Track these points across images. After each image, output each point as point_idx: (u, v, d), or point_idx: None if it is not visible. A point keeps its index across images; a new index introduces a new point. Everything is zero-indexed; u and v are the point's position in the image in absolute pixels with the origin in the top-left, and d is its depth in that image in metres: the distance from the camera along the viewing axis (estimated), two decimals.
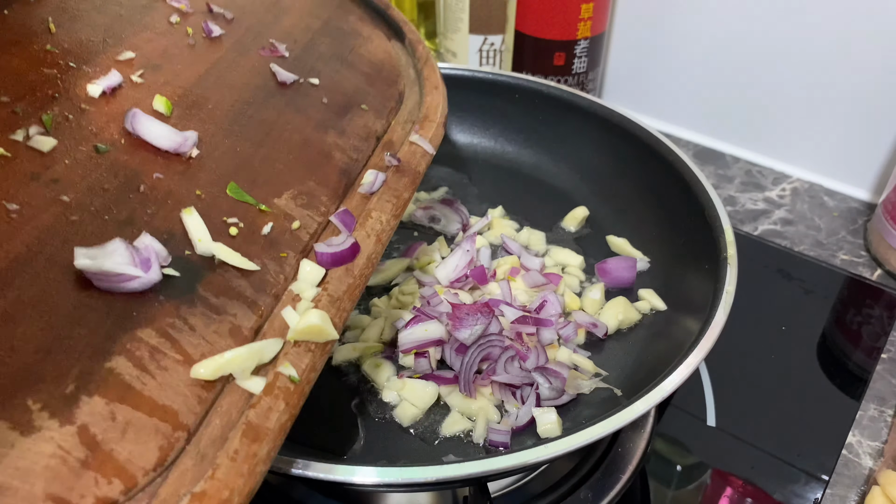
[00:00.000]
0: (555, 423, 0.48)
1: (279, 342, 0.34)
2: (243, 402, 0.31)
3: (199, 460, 0.28)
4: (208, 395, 0.30)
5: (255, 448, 0.29)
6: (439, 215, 0.67)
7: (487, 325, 0.52)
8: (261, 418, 0.31)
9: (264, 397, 0.31)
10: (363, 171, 0.46)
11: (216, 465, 0.28)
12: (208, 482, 0.27)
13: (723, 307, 0.46)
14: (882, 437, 0.56)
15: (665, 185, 0.60)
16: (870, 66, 0.75)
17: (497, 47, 0.89)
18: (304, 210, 0.40)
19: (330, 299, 0.37)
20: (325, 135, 0.46)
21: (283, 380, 0.32)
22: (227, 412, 0.30)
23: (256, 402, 0.31)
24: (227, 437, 0.29)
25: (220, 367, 0.31)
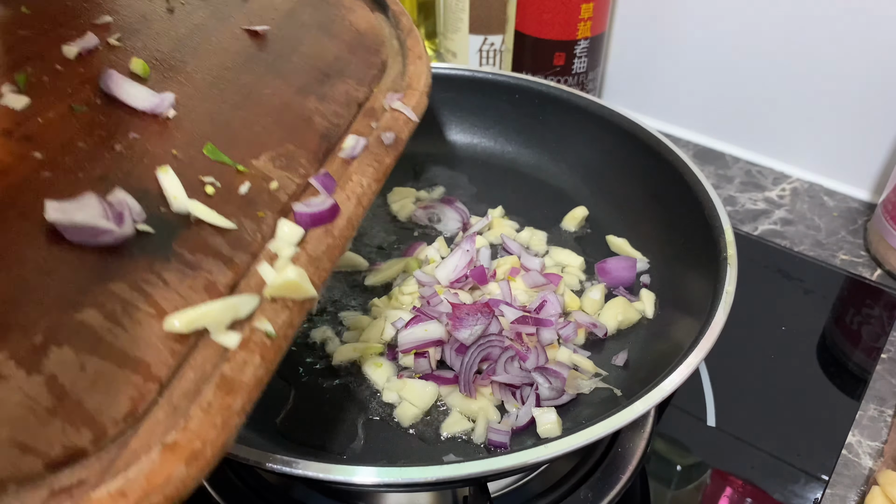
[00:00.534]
0: (555, 423, 0.48)
1: (255, 298, 0.33)
2: (218, 357, 0.31)
3: (171, 412, 0.28)
4: (181, 349, 0.30)
5: (230, 401, 0.29)
6: (439, 215, 0.67)
7: (487, 326, 0.52)
8: (235, 372, 0.30)
9: (240, 352, 0.31)
10: (344, 137, 0.45)
11: (189, 417, 0.28)
12: (180, 433, 0.27)
13: (723, 307, 0.46)
14: (882, 437, 0.56)
15: (665, 185, 0.60)
16: (870, 66, 0.75)
17: (497, 47, 0.89)
18: (283, 172, 0.40)
19: (308, 259, 0.37)
20: (305, 100, 0.46)
21: (259, 335, 0.32)
22: (202, 366, 0.30)
23: (232, 356, 0.31)
24: (200, 390, 0.29)
25: (193, 319, 0.31)
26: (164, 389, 0.29)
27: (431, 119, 0.75)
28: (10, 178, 0.32)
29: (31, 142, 0.34)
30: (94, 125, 0.37)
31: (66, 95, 0.37)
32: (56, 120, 0.36)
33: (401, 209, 0.69)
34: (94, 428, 0.26)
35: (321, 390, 0.52)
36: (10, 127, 0.34)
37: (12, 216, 0.31)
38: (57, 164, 0.34)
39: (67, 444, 0.26)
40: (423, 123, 0.75)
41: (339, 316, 0.58)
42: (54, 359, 0.27)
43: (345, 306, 0.59)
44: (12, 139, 0.34)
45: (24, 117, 0.35)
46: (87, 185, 0.34)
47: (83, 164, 0.35)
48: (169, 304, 0.31)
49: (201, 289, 0.33)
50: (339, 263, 0.62)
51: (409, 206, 0.69)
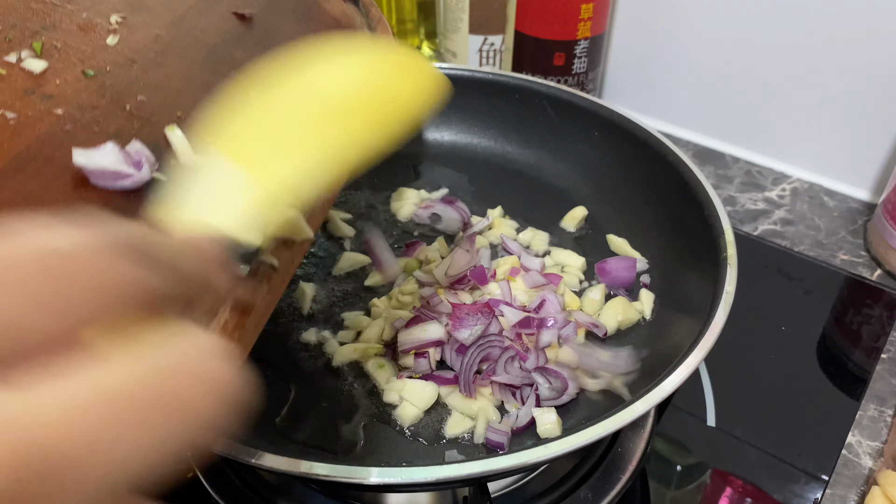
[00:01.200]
0: (555, 423, 0.48)
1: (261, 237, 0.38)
2: (231, 285, 0.34)
3: None
4: None
5: (244, 320, 0.33)
6: (440, 214, 0.68)
7: (487, 326, 0.52)
8: (248, 296, 0.35)
9: (250, 280, 0.36)
10: None
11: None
12: None
13: (722, 307, 0.46)
14: (882, 437, 0.56)
15: (665, 185, 0.60)
16: (870, 66, 0.75)
17: (497, 47, 0.89)
18: None
19: None
20: None
21: (265, 267, 0.37)
22: (216, 290, 0.33)
23: (244, 283, 0.35)
24: (216, 311, 0.33)
25: None
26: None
27: (432, 119, 0.75)
28: (35, 130, 0.37)
29: (51, 100, 0.39)
30: (105, 88, 0.42)
31: (79, 62, 0.42)
32: (72, 82, 0.41)
33: (401, 209, 0.69)
34: None
35: (321, 390, 0.52)
36: (32, 87, 0.39)
37: (40, 162, 0.35)
38: (76, 119, 0.39)
39: None
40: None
41: (341, 316, 0.58)
42: None
43: (345, 306, 0.59)
44: (35, 97, 0.38)
45: (45, 80, 0.40)
46: (104, 138, 0.38)
47: (99, 120, 0.39)
48: None
49: None
50: (343, 266, 0.62)
51: (410, 206, 0.69)
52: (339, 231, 0.66)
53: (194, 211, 0.28)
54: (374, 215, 0.69)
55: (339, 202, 0.70)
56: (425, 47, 1.02)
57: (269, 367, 0.54)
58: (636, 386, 0.50)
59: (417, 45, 1.02)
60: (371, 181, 0.72)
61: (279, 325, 0.57)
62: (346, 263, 0.62)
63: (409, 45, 1.02)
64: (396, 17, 0.98)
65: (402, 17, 0.98)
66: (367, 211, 0.69)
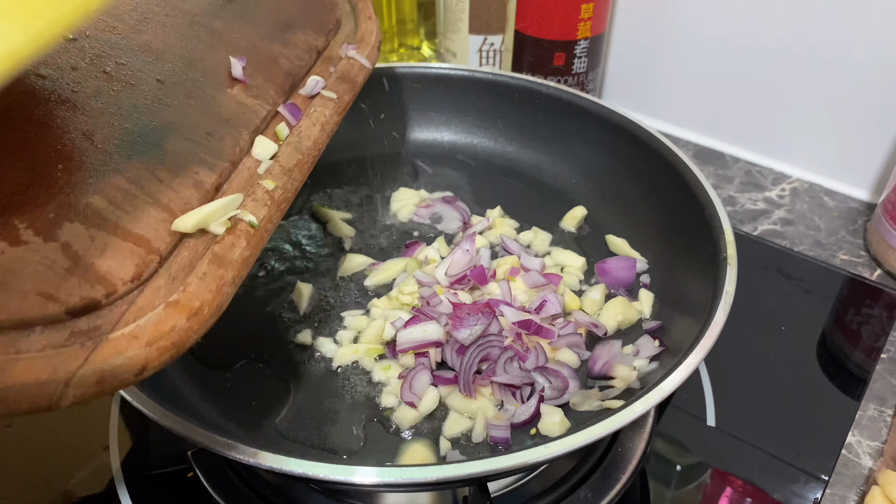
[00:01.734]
0: (558, 423, 0.48)
1: (240, 197, 0.41)
2: (208, 241, 0.37)
3: (170, 281, 0.34)
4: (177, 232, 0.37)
5: (222, 272, 0.36)
6: (440, 213, 0.68)
7: (487, 326, 0.52)
8: (225, 251, 0.37)
9: (227, 236, 0.38)
10: (306, 77, 0.53)
11: (187, 283, 0.34)
12: (181, 294, 0.34)
13: (722, 307, 0.46)
14: (882, 437, 0.56)
15: (665, 185, 0.60)
16: (870, 66, 0.75)
17: (497, 47, 0.89)
18: (255, 100, 0.48)
19: (282, 169, 0.45)
20: (270, 44, 0.53)
21: (243, 224, 0.39)
22: (194, 248, 0.37)
23: (221, 239, 0.37)
24: (194, 265, 0.35)
25: (199, 220, 0.37)
26: (163, 262, 0.35)
27: (431, 119, 0.76)
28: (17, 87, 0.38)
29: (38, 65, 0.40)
30: (85, 51, 0.43)
31: None
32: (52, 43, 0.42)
33: (401, 209, 0.69)
34: (106, 285, 0.32)
35: (321, 391, 0.52)
36: None
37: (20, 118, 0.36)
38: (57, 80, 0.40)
39: (83, 296, 0.31)
40: (423, 123, 0.76)
41: (341, 314, 0.58)
42: (67, 231, 0.33)
43: (344, 306, 0.59)
44: None
45: None
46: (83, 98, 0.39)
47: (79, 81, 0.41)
48: (163, 195, 0.38)
49: (191, 186, 0.39)
50: (347, 268, 0.62)
51: (410, 206, 0.69)
52: (338, 231, 0.66)
53: None
54: (375, 215, 0.69)
55: (338, 202, 0.70)
56: (425, 47, 1.02)
57: (270, 368, 0.54)
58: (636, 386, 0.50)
59: (417, 45, 1.02)
60: (371, 181, 0.72)
61: (278, 325, 0.57)
62: (351, 265, 0.62)
63: (409, 45, 1.02)
64: (396, 17, 0.98)
65: (402, 17, 0.98)
66: (368, 211, 0.69)
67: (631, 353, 0.52)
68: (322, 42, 0.57)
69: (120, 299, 0.32)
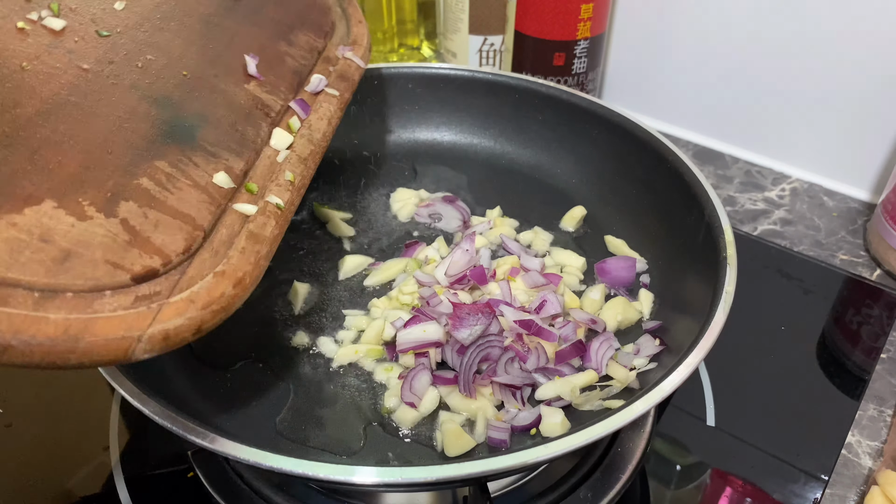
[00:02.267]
0: (559, 423, 0.48)
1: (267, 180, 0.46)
2: (242, 220, 0.42)
3: (213, 254, 0.39)
4: (216, 211, 0.41)
5: (258, 247, 0.41)
6: (440, 212, 0.68)
7: (488, 326, 0.52)
8: (259, 228, 0.42)
9: (259, 216, 0.43)
10: (310, 76, 0.57)
11: (229, 256, 0.39)
12: (226, 265, 0.38)
13: (722, 307, 0.46)
14: (881, 436, 0.56)
15: (664, 186, 0.60)
16: (870, 66, 0.75)
17: (497, 48, 0.89)
18: (269, 95, 0.53)
19: (298, 158, 0.49)
20: (277, 44, 0.57)
21: (271, 206, 0.44)
22: (231, 226, 0.41)
23: (254, 219, 0.43)
24: (233, 241, 0.40)
25: None
26: (207, 237, 0.40)
27: (431, 119, 0.76)
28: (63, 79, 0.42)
29: (73, 55, 0.44)
30: (118, 46, 0.47)
31: (91, 23, 0.47)
32: (89, 40, 0.46)
33: (401, 209, 0.69)
34: (162, 256, 0.37)
35: (321, 391, 0.52)
36: (55, 42, 0.44)
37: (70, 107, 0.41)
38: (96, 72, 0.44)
39: (144, 265, 0.36)
40: (423, 123, 0.76)
41: (343, 312, 0.58)
42: (123, 208, 0.37)
43: (345, 306, 0.59)
44: (59, 51, 0.44)
45: (64, 36, 0.45)
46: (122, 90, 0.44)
47: (117, 74, 0.45)
48: (201, 178, 0.42)
49: (222, 170, 0.44)
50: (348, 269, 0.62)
51: (410, 206, 0.69)
52: (338, 231, 0.66)
53: None
54: (375, 215, 0.69)
55: (339, 202, 0.70)
56: (425, 47, 1.02)
57: (269, 368, 0.54)
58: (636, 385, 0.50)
59: (417, 45, 1.02)
60: (371, 181, 0.72)
61: (277, 325, 0.57)
62: (351, 265, 0.62)
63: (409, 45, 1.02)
64: (396, 18, 0.98)
65: (402, 17, 0.98)
66: (368, 211, 0.69)
67: (631, 353, 0.53)
68: (321, 43, 0.61)
69: (174, 269, 0.37)
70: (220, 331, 0.56)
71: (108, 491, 0.52)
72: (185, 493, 0.52)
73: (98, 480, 0.53)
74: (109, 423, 0.57)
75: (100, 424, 0.57)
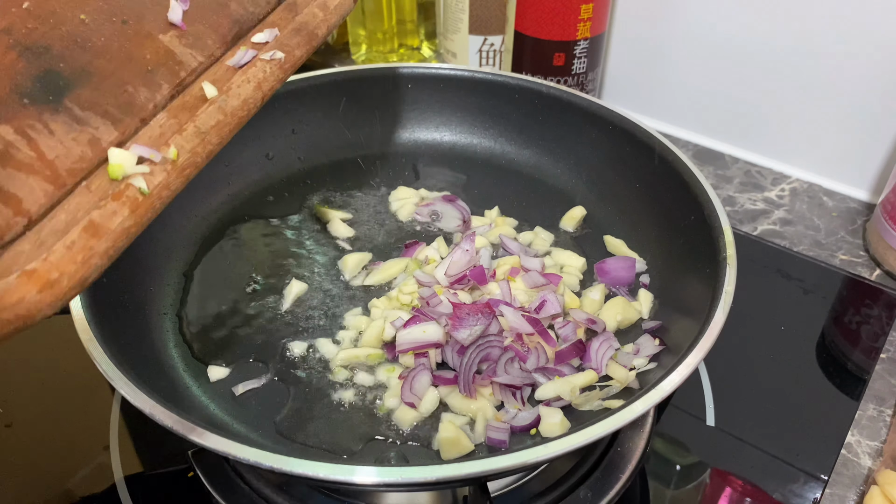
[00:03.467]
0: (559, 423, 0.48)
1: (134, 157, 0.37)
2: (91, 205, 0.34)
3: (37, 245, 0.31)
4: (58, 193, 0.34)
5: (93, 243, 0.33)
6: (439, 211, 0.68)
7: (487, 326, 0.52)
8: (104, 219, 0.34)
9: (111, 202, 0.34)
10: (259, 25, 0.48)
11: (51, 251, 0.31)
12: (41, 263, 0.31)
13: (722, 307, 0.46)
14: (881, 436, 0.56)
15: (664, 186, 0.60)
16: (869, 66, 0.75)
17: (497, 48, 0.89)
18: (188, 49, 0.43)
19: (196, 131, 0.40)
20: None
21: (133, 190, 0.35)
22: (74, 210, 0.33)
23: (104, 204, 0.34)
24: (68, 230, 0.32)
25: None
26: (32, 224, 0.32)
27: (431, 119, 0.76)
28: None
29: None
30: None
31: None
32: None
33: (401, 209, 0.69)
34: None
35: (321, 391, 0.53)
36: None
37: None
38: None
39: None
40: (423, 123, 0.76)
41: (341, 315, 0.58)
42: None
43: (345, 306, 0.59)
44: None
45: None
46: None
47: None
48: (51, 151, 0.34)
49: (85, 142, 0.36)
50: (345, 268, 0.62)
51: (410, 206, 0.69)
52: (338, 231, 0.66)
53: None
54: (375, 215, 0.69)
55: (339, 202, 0.70)
56: (425, 47, 1.02)
57: (269, 368, 0.54)
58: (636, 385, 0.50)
59: (417, 45, 1.02)
60: (371, 181, 0.72)
61: (278, 325, 0.57)
62: (351, 265, 0.62)
63: (409, 45, 1.02)
64: (396, 18, 0.98)
65: (402, 17, 0.98)
66: (368, 211, 0.69)
67: (631, 352, 0.53)
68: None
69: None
70: (220, 331, 0.56)
71: (108, 491, 0.52)
72: (185, 493, 0.52)
73: (98, 480, 0.53)
74: (109, 423, 0.57)
75: (100, 424, 0.57)
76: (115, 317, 0.50)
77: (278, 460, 0.37)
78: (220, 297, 0.59)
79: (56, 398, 0.59)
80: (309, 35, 0.49)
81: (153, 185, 0.36)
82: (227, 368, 0.54)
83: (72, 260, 0.32)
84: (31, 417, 0.58)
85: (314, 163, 0.73)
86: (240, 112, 0.43)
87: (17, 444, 0.56)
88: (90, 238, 0.33)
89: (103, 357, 0.42)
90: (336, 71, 0.72)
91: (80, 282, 0.32)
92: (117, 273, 0.53)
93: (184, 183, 0.38)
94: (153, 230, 0.60)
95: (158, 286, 0.58)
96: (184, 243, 0.63)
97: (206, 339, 0.56)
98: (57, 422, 0.58)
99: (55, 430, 0.57)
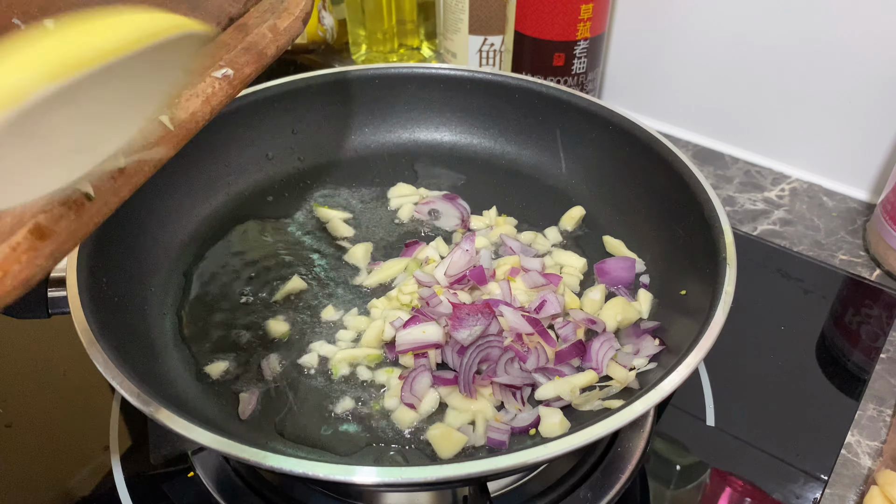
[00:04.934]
0: (558, 423, 0.48)
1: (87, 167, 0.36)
2: (37, 209, 0.35)
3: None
4: None
5: (39, 244, 0.34)
6: (439, 210, 0.68)
7: (487, 326, 0.52)
8: (50, 222, 0.34)
9: (58, 206, 0.35)
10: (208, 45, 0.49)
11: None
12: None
13: (722, 307, 0.46)
14: (881, 436, 0.56)
15: (664, 186, 0.60)
16: (869, 66, 0.75)
17: (497, 48, 0.89)
18: None
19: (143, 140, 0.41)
20: (176, 7, 0.48)
21: (77, 195, 0.36)
22: (20, 214, 0.34)
23: (50, 209, 0.35)
24: (14, 232, 0.33)
25: None
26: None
27: (431, 119, 0.76)
28: None
29: None
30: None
31: None
32: None
33: (401, 208, 0.69)
34: None
35: (320, 391, 0.53)
36: None
37: None
38: None
39: None
40: (423, 123, 0.76)
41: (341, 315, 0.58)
42: None
43: (344, 306, 0.59)
44: None
45: None
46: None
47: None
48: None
49: None
50: (345, 267, 0.62)
51: (409, 205, 0.69)
52: (338, 231, 0.66)
53: None
54: (374, 215, 0.69)
55: (338, 202, 0.70)
56: (425, 48, 1.02)
57: (269, 369, 0.54)
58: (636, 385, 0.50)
59: (417, 45, 1.02)
60: (371, 181, 0.72)
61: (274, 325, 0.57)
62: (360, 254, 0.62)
63: (409, 45, 1.02)
64: (396, 18, 0.98)
65: (402, 17, 0.98)
66: (367, 211, 0.69)
67: (631, 353, 0.53)
68: (238, 8, 0.53)
69: None
70: (221, 331, 0.56)
71: (108, 491, 0.52)
72: (185, 493, 0.52)
73: (98, 480, 0.53)
74: (109, 423, 0.57)
75: (100, 424, 0.57)
76: (116, 317, 0.50)
77: (278, 460, 0.37)
78: (220, 297, 0.59)
79: (56, 398, 0.60)
80: (258, 54, 0.51)
81: (102, 192, 0.37)
82: (227, 368, 0.53)
83: (16, 260, 0.33)
84: (31, 417, 0.58)
85: (314, 163, 0.73)
86: (188, 125, 0.44)
87: (17, 444, 0.56)
88: (36, 240, 0.34)
89: (103, 357, 0.42)
90: (336, 71, 0.72)
91: (24, 282, 0.33)
92: (118, 273, 0.53)
93: (132, 190, 0.40)
94: (153, 230, 0.61)
95: (158, 286, 0.58)
96: (184, 243, 0.63)
97: (205, 339, 0.56)
98: (57, 422, 0.58)
99: (55, 430, 0.57)
